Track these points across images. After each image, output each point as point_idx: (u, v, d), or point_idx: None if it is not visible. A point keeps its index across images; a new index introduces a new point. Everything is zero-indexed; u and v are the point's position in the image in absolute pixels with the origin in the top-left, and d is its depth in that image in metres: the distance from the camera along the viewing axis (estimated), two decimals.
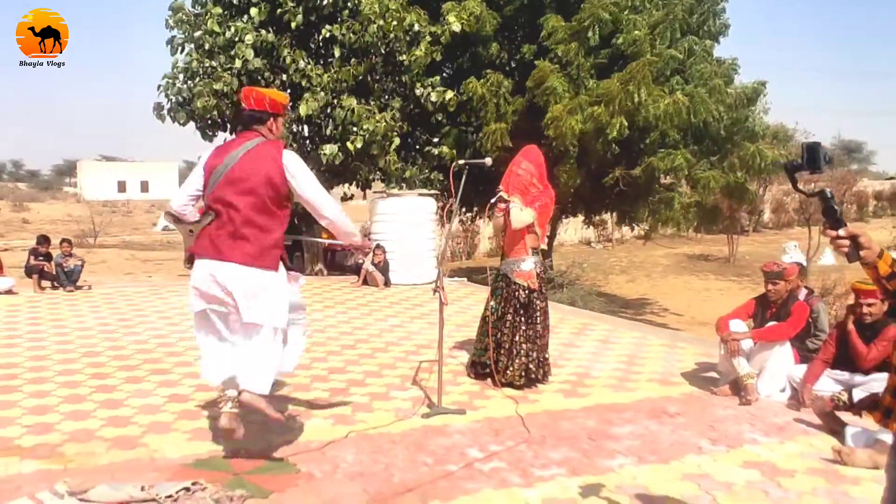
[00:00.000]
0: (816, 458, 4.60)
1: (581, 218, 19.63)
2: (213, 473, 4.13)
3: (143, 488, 3.79)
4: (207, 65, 12.69)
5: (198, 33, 12.84)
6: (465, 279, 14.16)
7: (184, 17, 13.14)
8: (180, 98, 13.23)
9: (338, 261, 16.71)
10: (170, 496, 3.76)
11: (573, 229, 29.52)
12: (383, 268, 12.21)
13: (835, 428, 5.01)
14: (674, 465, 4.48)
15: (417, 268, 12.80)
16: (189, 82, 13.01)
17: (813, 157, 2.41)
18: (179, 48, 13.34)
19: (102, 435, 4.78)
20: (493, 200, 6.10)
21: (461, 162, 5.57)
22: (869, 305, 5.29)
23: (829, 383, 5.50)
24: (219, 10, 12.91)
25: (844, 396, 5.25)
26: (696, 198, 15.02)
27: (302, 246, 15.15)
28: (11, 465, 4.24)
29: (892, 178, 48.79)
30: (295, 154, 4.33)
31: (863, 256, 2.32)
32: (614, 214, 22.12)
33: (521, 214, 5.94)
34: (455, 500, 3.91)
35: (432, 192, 13.74)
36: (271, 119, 4.32)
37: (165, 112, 13.42)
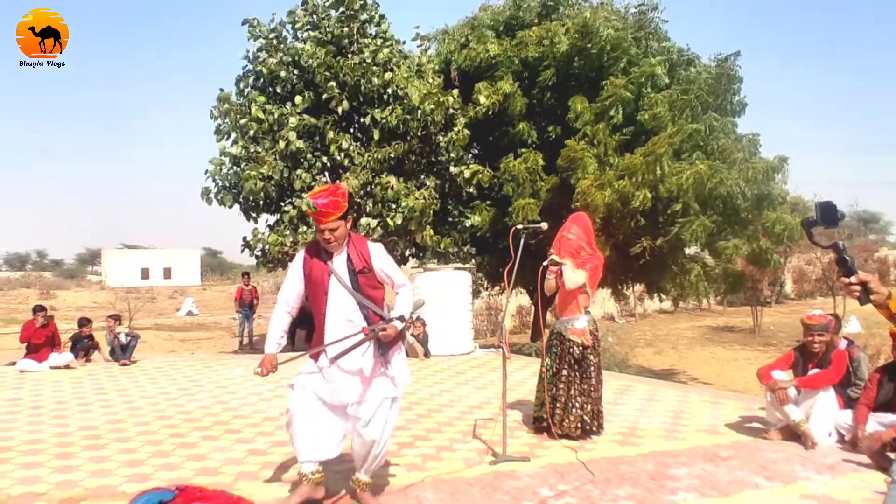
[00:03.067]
0: (869, 491, 4.92)
1: (607, 290, 19.98)
2: None
3: None
4: (253, 150, 13.40)
5: (243, 121, 13.59)
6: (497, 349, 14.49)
7: (230, 106, 13.91)
8: (227, 182, 13.91)
9: None
10: None
11: (598, 304, 29.84)
12: (423, 339, 12.60)
13: (883, 465, 5.32)
14: (734, 497, 4.82)
15: (455, 339, 13.20)
16: (235, 167, 13.71)
17: (826, 213, 2.80)
18: (225, 135, 14.07)
19: (197, 483, 5.14)
20: (545, 263, 6.55)
21: (520, 226, 6.07)
22: None
23: (873, 426, 5.82)
24: (262, 98, 13.70)
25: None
26: (721, 267, 15.46)
27: None
28: None
29: None
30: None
31: (873, 299, 2.75)
32: (637, 288, 22.52)
33: (574, 276, 6.38)
34: None
35: (468, 266, 14.23)
36: None
37: (213, 196, 14.07)
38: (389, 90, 13.80)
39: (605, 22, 14.44)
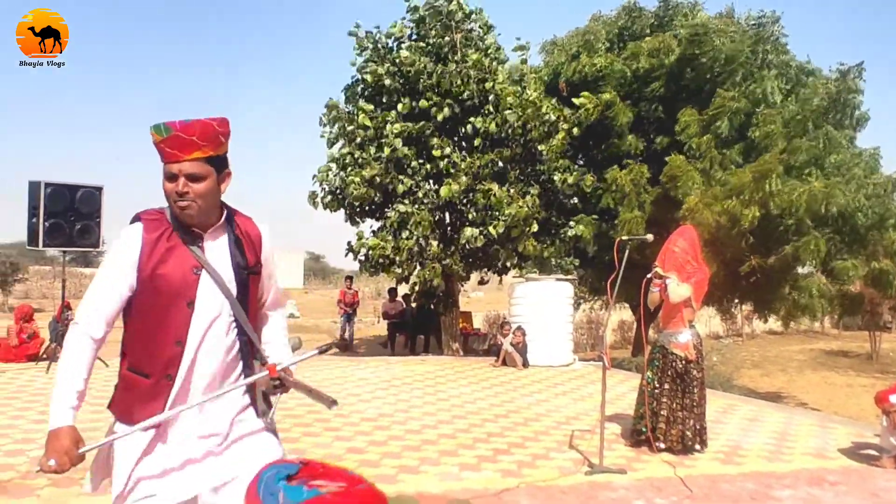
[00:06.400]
0: None
1: (712, 309, 19.44)
2: None
3: None
4: (358, 155, 13.72)
5: (350, 127, 13.94)
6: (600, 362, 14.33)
7: (338, 113, 14.29)
8: (333, 187, 14.28)
9: (470, 345, 17.24)
10: None
11: (703, 322, 29.03)
12: (522, 349, 12.57)
13: None
14: None
15: (554, 350, 13.11)
16: (341, 172, 14.06)
17: None
18: (333, 142, 14.47)
19: None
20: (649, 276, 6.47)
21: (625, 237, 6.03)
22: None
23: None
24: (370, 106, 13.99)
25: None
26: (836, 287, 14.81)
27: (440, 325, 15.74)
28: None
29: None
30: None
31: None
32: (744, 307, 21.75)
33: (679, 289, 6.29)
34: None
35: (569, 277, 14.12)
36: None
37: (319, 200, 14.47)
38: (490, 97, 13.89)
39: (720, 32, 14.07)
